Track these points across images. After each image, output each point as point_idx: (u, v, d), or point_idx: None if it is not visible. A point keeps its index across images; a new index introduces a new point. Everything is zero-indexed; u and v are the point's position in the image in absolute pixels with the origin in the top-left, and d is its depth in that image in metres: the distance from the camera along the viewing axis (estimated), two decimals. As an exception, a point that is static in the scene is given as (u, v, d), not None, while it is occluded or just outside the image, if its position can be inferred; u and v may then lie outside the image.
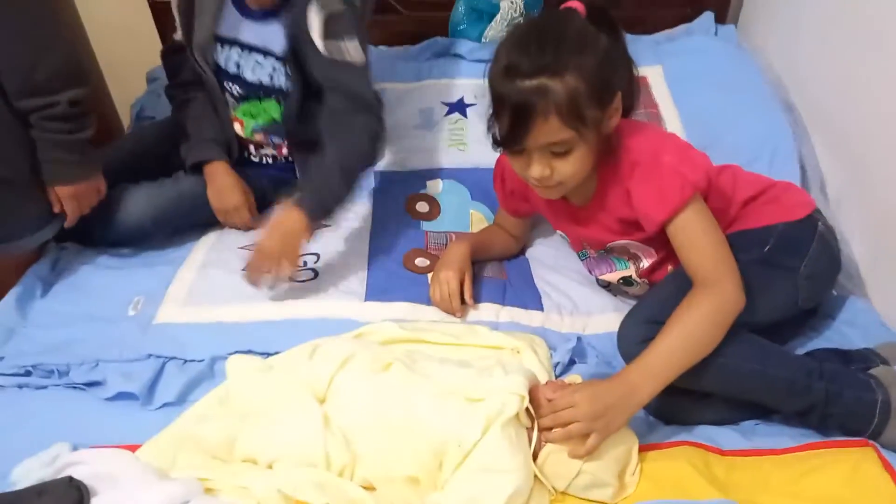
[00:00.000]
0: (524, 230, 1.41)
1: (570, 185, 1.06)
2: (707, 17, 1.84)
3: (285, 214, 1.22)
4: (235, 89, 1.40)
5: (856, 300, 1.24)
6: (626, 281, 1.23)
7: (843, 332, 1.19)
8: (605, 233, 1.17)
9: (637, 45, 1.81)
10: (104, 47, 1.93)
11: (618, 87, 1.02)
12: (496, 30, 1.79)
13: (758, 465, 0.99)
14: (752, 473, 0.98)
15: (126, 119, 1.84)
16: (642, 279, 1.21)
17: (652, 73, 1.71)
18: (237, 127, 1.45)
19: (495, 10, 1.78)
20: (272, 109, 1.41)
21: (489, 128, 1.05)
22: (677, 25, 1.87)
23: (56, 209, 1.26)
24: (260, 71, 1.37)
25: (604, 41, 0.99)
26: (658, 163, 1.02)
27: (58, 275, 1.32)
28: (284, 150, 1.47)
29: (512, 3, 1.76)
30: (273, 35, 1.32)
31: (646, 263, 1.18)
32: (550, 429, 0.93)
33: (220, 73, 1.40)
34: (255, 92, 1.40)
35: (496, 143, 1.05)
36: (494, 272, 1.33)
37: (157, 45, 1.94)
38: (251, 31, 1.34)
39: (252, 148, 1.48)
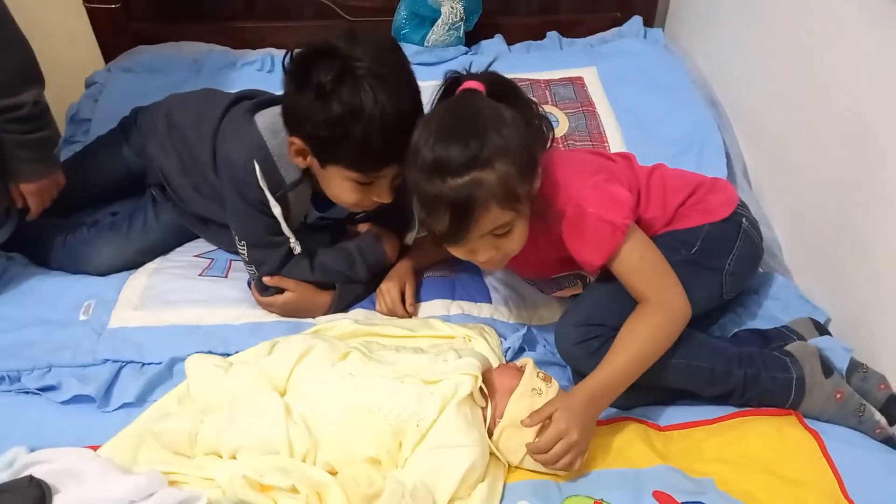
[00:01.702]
0: None
1: (513, 254, 1.06)
2: (636, 20, 1.94)
3: (316, 295, 1.26)
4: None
5: (778, 277, 1.32)
6: (577, 296, 1.25)
7: (766, 307, 1.27)
8: (545, 270, 1.21)
9: (573, 47, 1.92)
10: (41, 52, 1.88)
11: (538, 151, 1.03)
12: (438, 34, 1.84)
13: (691, 435, 1.07)
14: (686, 443, 1.05)
15: (62, 125, 1.80)
16: None
17: (587, 74, 1.79)
18: None
19: (436, 14, 1.82)
20: None
21: (422, 223, 1.03)
22: (609, 29, 1.96)
23: (18, 205, 1.26)
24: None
25: (512, 113, 0.99)
26: (583, 215, 1.03)
27: (5, 283, 1.29)
28: None
29: (452, 7, 1.81)
30: None
31: (593, 280, 1.20)
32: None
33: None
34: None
35: (435, 240, 1.02)
36: (443, 271, 1.36)
37: (95, 50, 1.92)
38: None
39: None
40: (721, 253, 1.15)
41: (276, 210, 1.17)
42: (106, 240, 1.34)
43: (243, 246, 1.23)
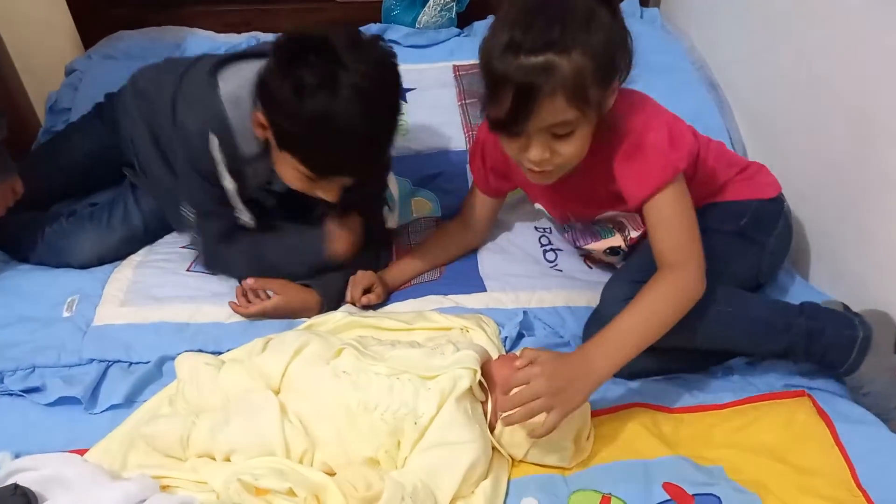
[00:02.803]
0: (494, 213, 1.34)
1: (566, 169, 1.02)
2: (632, 0, 1.89)
3: (304, 293, 1.22)
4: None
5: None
6: (613, 250, 1.21)
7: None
8: (591, 206, 1.16)
9: (567, 28, 1.87)
10: (18, 41, 1.82)
11: (620, 66, 0.97)
12: (429, 15, 1.80)
13: (701, 419, 1.05)
14: (696, 428, 1.03)
15: (42, 115, 1.75)
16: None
17: (583, 55, 1.75)
18: None
19: (427, -6, 1.78)
20: None
21: (483, 109, 0.99)
22: (604, 9, 1.92)
23: None
24: None
25: (608, 17, 0.93)
26: (643, 141, 1.00)
27: (-17, 281, 1.26)
28: None
29: (443, -13, 1.78)
30: None
31: (634, 234, 1.17)
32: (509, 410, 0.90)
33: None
34: None
35: (493, 126, 0.98)
36: (431, 275, 1.33)
37: (75, 37, 1.86)
38: None
39: None
40: (766, 228, 1.16)
41: (230, 184, 1.13)
42: (86, 230, 1.30)
43: (193, 213, 1.19)
